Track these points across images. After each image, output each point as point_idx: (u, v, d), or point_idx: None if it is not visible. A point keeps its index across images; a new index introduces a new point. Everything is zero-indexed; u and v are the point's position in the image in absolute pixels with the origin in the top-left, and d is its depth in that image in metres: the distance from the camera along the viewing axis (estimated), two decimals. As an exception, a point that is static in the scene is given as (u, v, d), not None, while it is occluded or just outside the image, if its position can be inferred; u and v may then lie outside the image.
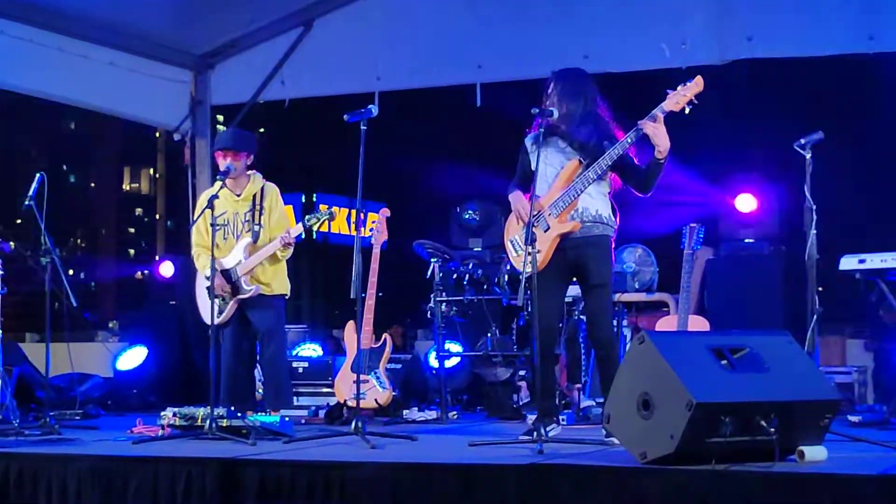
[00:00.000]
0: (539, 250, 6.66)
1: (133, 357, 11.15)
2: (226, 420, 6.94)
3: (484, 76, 10.78)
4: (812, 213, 7.29)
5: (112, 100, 11.34)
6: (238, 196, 8.21)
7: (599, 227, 6.86)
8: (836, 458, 5.32)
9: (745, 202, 9.96)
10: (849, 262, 8.24)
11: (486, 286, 9.36)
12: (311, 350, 11.05)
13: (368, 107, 6.95)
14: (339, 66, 11.23)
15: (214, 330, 7.46)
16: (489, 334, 9.20)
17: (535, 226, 6.67)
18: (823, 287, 7.75)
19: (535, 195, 6.66)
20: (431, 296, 9.18)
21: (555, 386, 7.29)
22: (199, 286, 8.30)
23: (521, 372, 9.01)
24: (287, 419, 7.23)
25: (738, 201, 9.98)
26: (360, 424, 6.56)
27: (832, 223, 7.90)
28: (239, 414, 7.06)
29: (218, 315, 7.87)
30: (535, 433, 6.12)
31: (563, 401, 8.28)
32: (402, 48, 10.99)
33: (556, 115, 6.79)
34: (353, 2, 11.09)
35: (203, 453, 6.11)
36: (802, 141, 7.31)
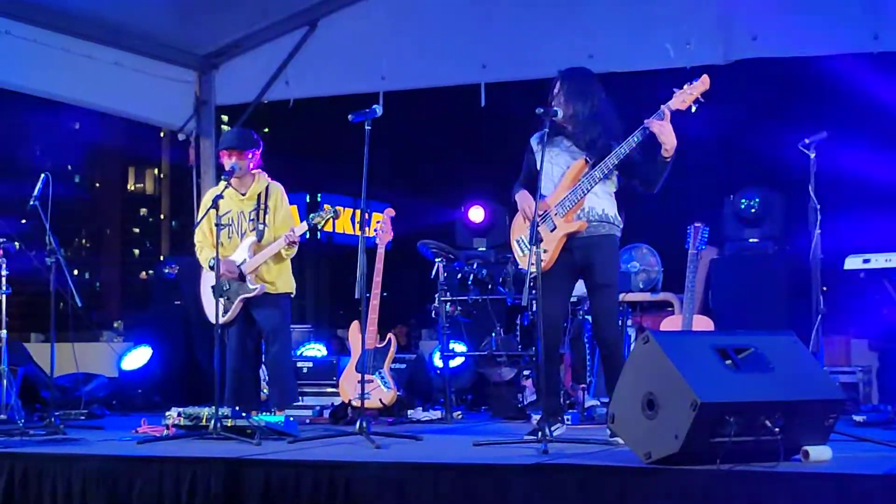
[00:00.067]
0: (545, 250, 6.66)
1: (138, 357, 11.15)
2: (230, 420, 6.94)
3: (488, 76, 10.77)
4: (816, 212, 7.29)
5: (116, 100, 11.34)
6: (243, 195, 8.21)
7: (606, 226, 6.86)
8: (840, 457, 5.32)
9: (749, 202, 9.94)
10: (853, 262, 8.23)
11: (490, 286, 9.35)
12: (316, 350, 11.04)
13: (373, 107, 6.93)
14: (344, 66, 11.23)
15: (219, 329, 7.46)
16: (493, 334, 9.19)
17: (541, 225, 6.68)
18: (828, 287, 7.75)
19: (541, 195, 6.66)
20: (436, 296, 9.18)
21: (560, 386, 7.29)
22: (204, 285, 8.29)
23: (526, 372, 9.01)
24: (291, 419, 7.23)
25: (742, 201, 9.97)
26: (364, 424, 6.56)
27: (836, 223, 7.90)
28: (244, 414, 7.06)
29: (223, 314, 7.88)
30: (539, 433, 6.12)
31: (567, 400, 8.27)
32: (407, 48, 10.98)
33: (560, 114, 6.79)
34: (357, 2, 11.08)
35: (208, 453, 6.11)
36: (807, 140, 7.31)
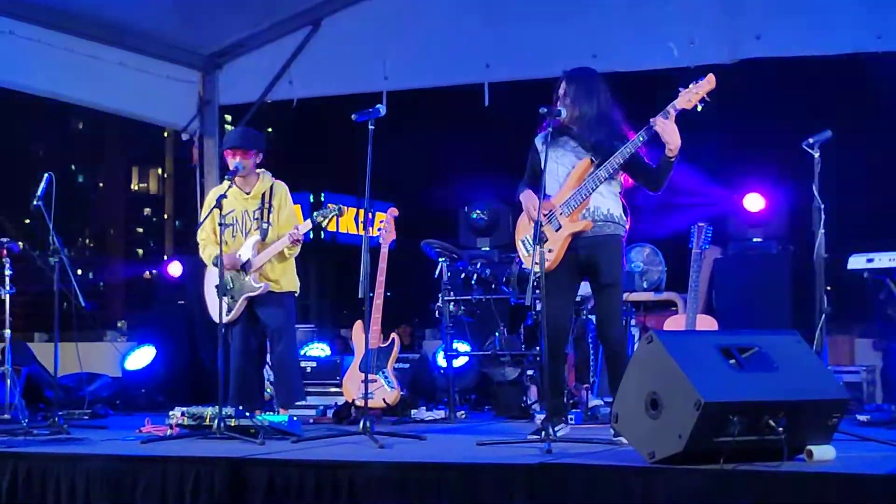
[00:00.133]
0: (551, 249, 6.66)
1: (141, 357, 11.15)
2: (234, 419, 6.94)
3: (492, 76, 10.77)
4: (820, 212, 7.27)
5: (120, 100, 11.35)
6: (247, 194, 8.22)
7: (611, 226, 6.84)
8: (844, 457, 5.31)
9: (754, 202, 9.95)
10: (857, 262, 8.23)
11: (494, 286, 9.35)
12: (319, 349, 11.04)
13: (376, 106, 6.94)
14: (347, 65, 11.23)
15: (223, 329, 7.46)
16: (497, 334, 9.19)
17: (546, 225, 6.68)
18: (832, 286, 7.74)
19: (546, 195, 6.66)
20: (439, 295, 9.19)
21: (564, 385, 7.28)
22: (208, 284, 8.29)
23: (530, 371, 9.00)
24: (295, 419, 7.23)
25: (746, 201, 9.97)
26: (368, 424, 6.57)
27: (841, 222, 7.88)
28: (247, 413, 7.06)
29: (227, 313, 7.87)
30: (543, 433, 6.12)
31: (571, 400, 8.27)
32: (410, 48, 10.98)
33: (563, 114, 6.78)
34: (360, 1, 11.08)
35: (212, 453, 6.12)
36: (811, 140, 7.28)
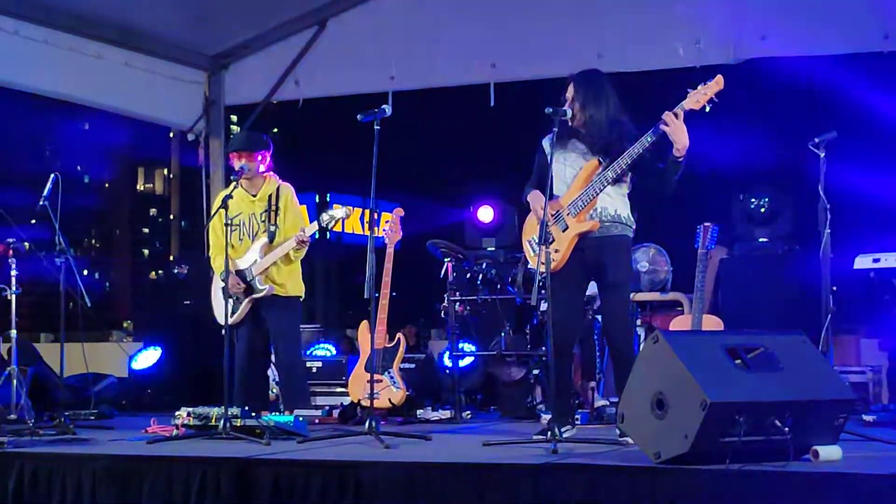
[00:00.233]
0: (557, 250, 6.67)
1: (147, 357, 11.16)
2: (240, 420, 6.94)
3: (497, 76, 10.76)
4: (826, 212, 7.27)
5: (126, 100, 11.36)
6: (254, 197, 8.22)
7: (618, 226, 6.84)
8: (850, 457, 5.30)
9: (758, 201, 9.93)
10: (863, 262, 8.23)
11: (499, 286, 9.35)
12: (325, 351, 11.03)
13: (382, 106, 6.92)
14: (353, 65, 11.23)
15: (228, 330, 7.47)
16: (503, 334, 9.19)
17: (553, 225, 6.68)
18: (837, 286, 7.73)
19: (553, 195, 6.65)
20: (445, 295, 9.18)
21: (570, 386, 7.26)
22: (215, 286, 8.31)
23: (535, 371, 9.00)
24: (301, 419, 7.23)
25: (750, 201, 9.95)
26: (373, 424, 6.56)
27: (847, 222, 7.87)
28: (253, 414, 7.06)
29: (231, 315, 7.88)
30: (549, 433, 6.12)
31: (576, 400, 8.26)
32: (416, 48, 10.98)
33: (569, 114, 6.78)
34: (366, 1, 11.08)
35: (217, 453, 6.12)
36: (817, 140, 7.29)
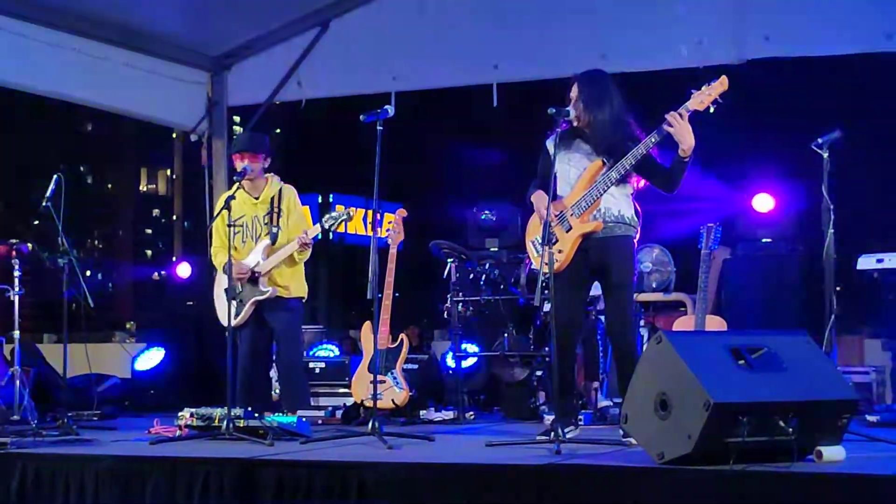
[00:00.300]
0: (561, 250, 6.67)
1: (150, 358, 11.16)
2: (243, 420, 6.94)
3: (500, 76, 10.75)
4: (830, 212, 7.26)
5: (129, 101, 11.36)
6: (256, 199, 8.22)
7: (622, 227, 6.84)
8: (854, 458, 5.30)
9: (763, 202, 9.94)
10: (867, 262, 8.22)
11: (502, 286, 9.34)
12: (328, 352, 11.03)
13: (384, 107, 6.93)
14: (356, 66, 11.22)
15: (231, 331, 7.47)
16: (506, 334, 9.18)
17: (557, 225, 6.68)
18: (841, 287, 7.73)
19: (557, 196, 6.66)
20: (448, 296, 9.18)
21: (573, 386, 7.25)
22: (218, 288, 8.30)
23: (538, 372, 8.99)
24: (304, 420, 7.23)
25: (755, 201, 9.97)
26: (377, 425, 6.56)
27: (850, 223, 7.87)
28: (256, 414, 7.06)
29: (234, 317, 7.88)
30: (552, 434, 6.11)
31: (580, 400, 8.26)
32: (419, 49, 10.97)
33: (571, 114, 6.78)
34: (369, 2, 11.08)
35: (221, 454, 6.12)
36: (820, 140, 7.28)
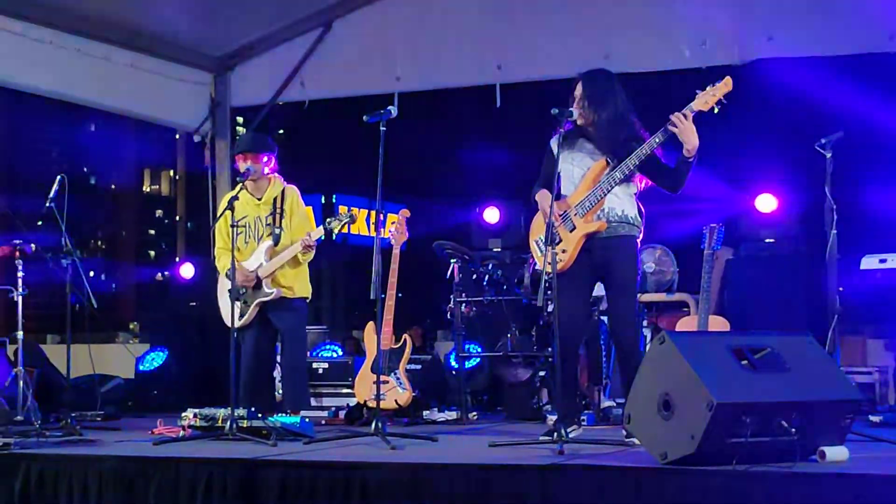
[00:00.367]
0: (564, 250, 6.67)
1: (153, 358, 11.16)
2: (246, 421, 6.94)
3: (503, 77, 10.76)
4: (833, 212, 7.26)
5: (132, 102, 11.38)
6: (259, 200, 8.23)
7: (625, 227, 6.83)
8: (857, 458, 5.30)
9: (766, 202, 9.94)
10: (870, 262, 8.22)
11: (505, 287, 9.34)
12: (331, 352, 11.02)
13: (388, 108, 6.92)
14: (359, 67, 11.23)
15: (235, 332, 7.46)
16: (509, 335, 9.18)
17: (560, 225, 6.69)
18: (844, 287, 7.73)
19: (561, 195, 6.66)
20: (451, 296, 9.19)
21: (576, 387, 7.25)
22: (221, 288, 8.31)
23: (542, 373, 8.99)
24: (307, 420, 7.23)
25: (758, 201, 9.96)
26: (380, 425, 6.56)
27: (853, 223, 7.87)
28: (259, 415, 7.06)
29: (239, 318, 7.88)
30: (555, 434, 6.11)
31: (583, 401, 8.26)
32: (422, 49, 10.99)
33: (574, 114, 6.78)
34: (372, 3, 11.09)
35: (224, 454, 6.12)
36: (823, 140, 7.28)
